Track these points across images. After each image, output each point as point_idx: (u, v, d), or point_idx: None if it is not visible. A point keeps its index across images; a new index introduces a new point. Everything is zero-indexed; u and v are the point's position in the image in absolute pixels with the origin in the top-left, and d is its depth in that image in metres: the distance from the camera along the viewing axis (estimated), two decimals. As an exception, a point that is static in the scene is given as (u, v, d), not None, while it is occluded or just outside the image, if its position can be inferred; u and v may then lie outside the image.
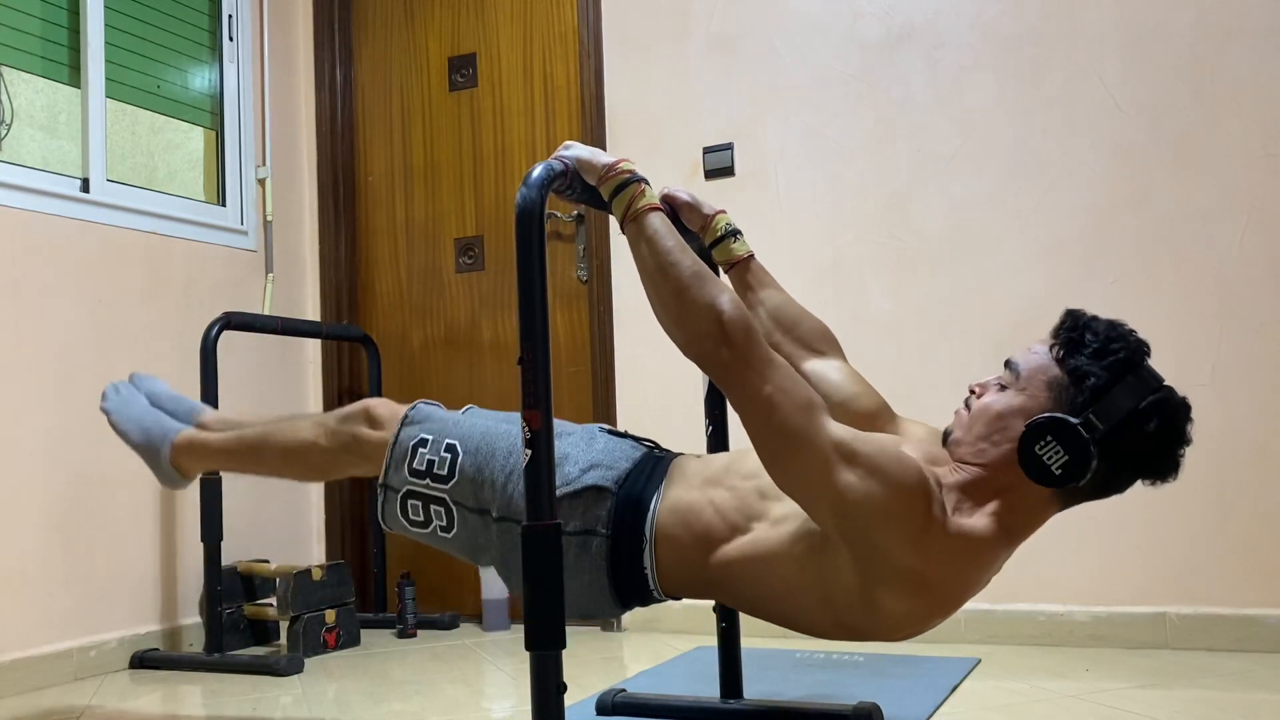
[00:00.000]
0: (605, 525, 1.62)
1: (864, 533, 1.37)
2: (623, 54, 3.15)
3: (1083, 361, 1.39)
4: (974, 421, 1.46)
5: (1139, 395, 1.38)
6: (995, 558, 1.44)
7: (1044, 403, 1.40)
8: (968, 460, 1.45)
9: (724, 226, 1.84)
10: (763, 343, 1.44)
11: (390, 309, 3.54)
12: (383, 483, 1.77)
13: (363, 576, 3.41)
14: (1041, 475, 1.37)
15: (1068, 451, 1.35)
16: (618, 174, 1.57)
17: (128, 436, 2.11)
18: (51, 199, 2.71)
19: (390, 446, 1.78)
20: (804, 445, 1.37)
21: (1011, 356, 1.47)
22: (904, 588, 1.39)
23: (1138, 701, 2.01)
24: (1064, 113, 2.67)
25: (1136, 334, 1.42)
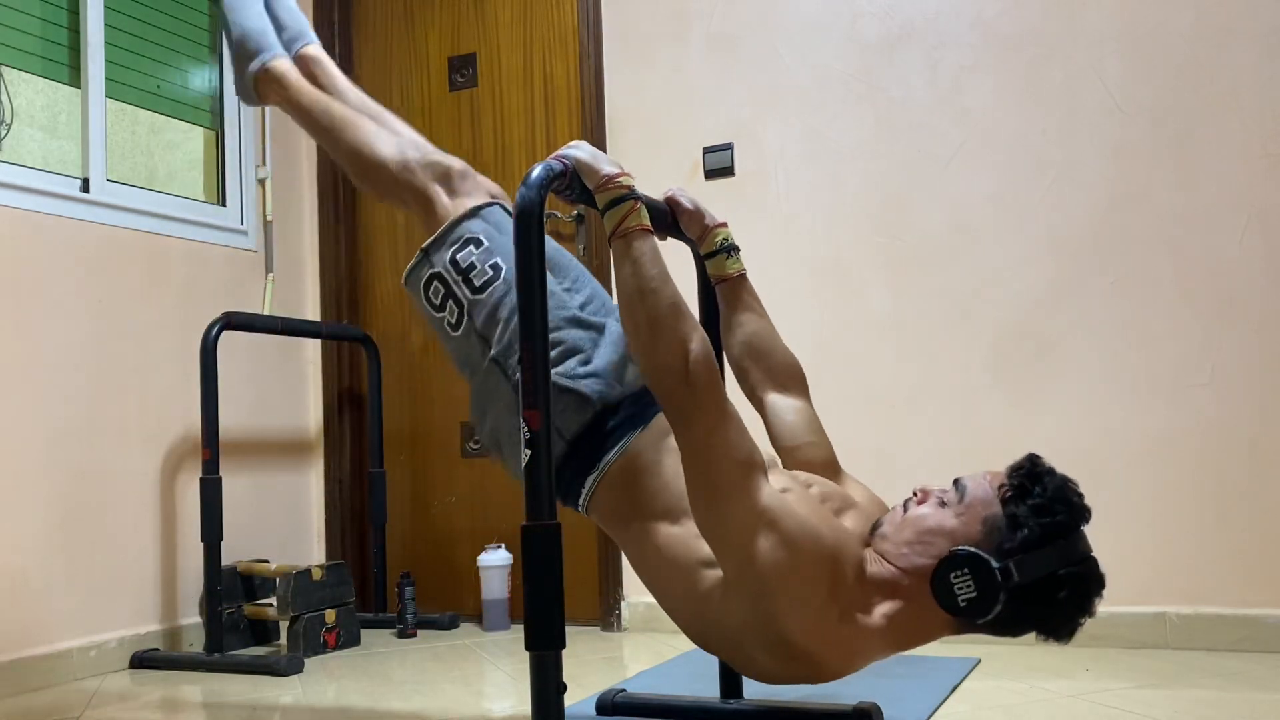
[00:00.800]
0: (571, 433, 1.65)
1: (760, 597, 1.41)
2: (623, 54, 3.15)
3: (1023, 511, 1.41)
4: (905, 526, 1.48)
5: (1062, 562, 1.40)
6: (874, 656, 1.49)
7: (974, 535, 1.42)
8: (888, 558, 1.47)
9: (722, 241, 1.85)
10: (721, 391, 1.46)
11: (390, 309, 3.54)
12: (425, 248, 1.79)
13: (363, 576, 3.41)
14: (947, 602, 1.41)
15: (978, 589, 1.38)
16: (616, 187, 1.57)
17: (229, 30, 2.09)
18: (51, 199, 2.71)
19: (450, 223, 1.78)
20: (731, 500, 1.41)
21: (962, 477, 1.49)
22: (781, 653, 1.44)
23: (1138, 701, 2.01)
24: (1064, 113, 2.67)
25: (1083, 499, 1.44)
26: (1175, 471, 2.52)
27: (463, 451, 3.40)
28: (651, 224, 1.80)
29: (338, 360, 3.52)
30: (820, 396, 2.89)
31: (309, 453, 3.50)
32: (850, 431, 2.82)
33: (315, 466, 3.51)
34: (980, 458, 2.66)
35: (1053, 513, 1.40)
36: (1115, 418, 2.58)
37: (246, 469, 3.22)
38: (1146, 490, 2.54)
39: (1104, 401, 2.59)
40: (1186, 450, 2.52)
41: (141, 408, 2.89)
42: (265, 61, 2.07)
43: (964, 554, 1.39)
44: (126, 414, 2.85)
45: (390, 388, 3.48)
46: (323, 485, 3.51)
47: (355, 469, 3.51)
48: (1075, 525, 1.42)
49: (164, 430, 2.95)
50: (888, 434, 2.78)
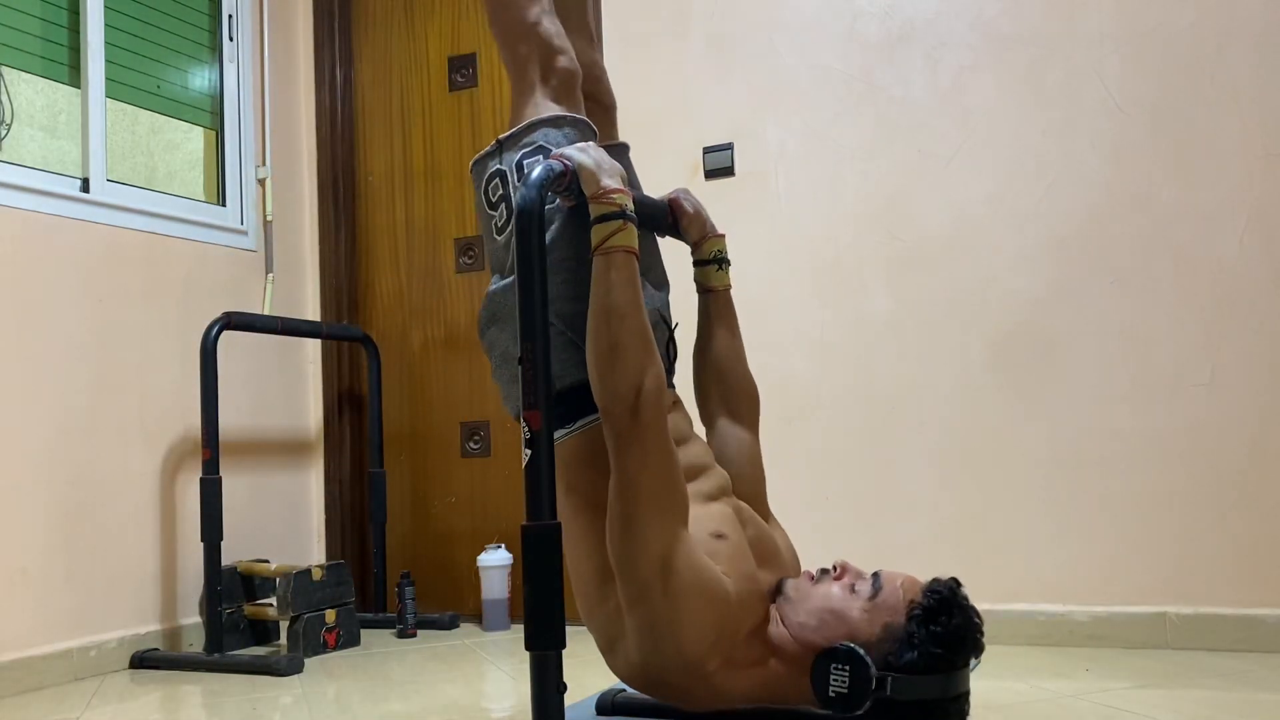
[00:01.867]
0: (563, 385, 1.65)
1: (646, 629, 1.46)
2: (623, 54, 3.15)
3: (921, 635, 1.44)
4: (811, 598, 1.52)
5: (936, 693, 1.43)
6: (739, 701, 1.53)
7: (870, 635, 1.46)
8: (787, 622, 1.52)
9: (715, 252, 1.86)
10: (664, 430, 1.49)
11: (390, 309, 3.54)
12: (500, 140, 1.78)
13: (363, 576, 3.41)
14: (818, 686, 1.45)
15: (849, 689, 1.42)
16: (609, 203, 1.56)
17: None
18: (51, 199, 2.71)
19: (529, 124, 1.76)
20: (640, 538, 1.44)
21: (881, 575, 1.51)
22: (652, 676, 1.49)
23: (1138, 701, 2.01)
24: (1064, 113, 2.67)
25: (982, 640, 1.47)
26: (1175, 471, 2.52)
27: (463, 451, 3.40)
28: (650, 223, 1.80)
29: (338, 360, 3.52)
30: (820, 397, 2.91)
31: (309, 453, 3.50)
32: (850, 431, 2.82)
33: (315, 466, 3.51)
34: (981, 457, 2.67)
35: (947, 648, 1.43)
36: (1115, 418, 2.58)
37: (246, 469, 3.22)
38: (1146, 490, 2.54)
39: (1104, 401, 2.59)
40: (1186, 450, 2.52)
41: (141, 408, 2.89)
42: None
43: (851, 652, 1.43)
44: (126, 414, 2.85)
45: (390, 388, 3.48)
46: (323, 485, 3.51)
47: (355, 469, 3.51)
48: (963, 664, 1.45)
49: (164, 430, 2.95)
50: (887, 434, 2.78)
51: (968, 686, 1.47)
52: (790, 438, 2.84)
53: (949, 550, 2.69)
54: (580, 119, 1.81)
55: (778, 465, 2.61)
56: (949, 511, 2.70)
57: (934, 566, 2.69)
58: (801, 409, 2.85)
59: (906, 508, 2.74)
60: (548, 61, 1.82)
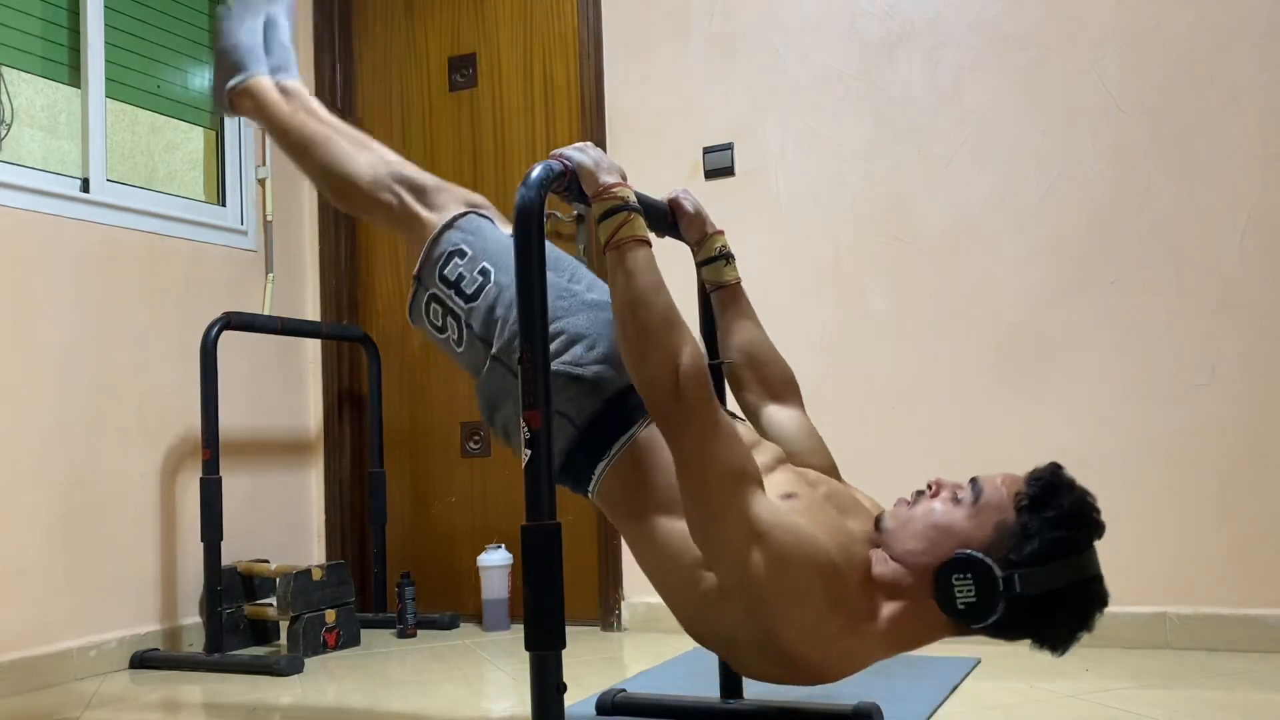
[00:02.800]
0: (582, 420, 1.64)
1: (755, 607, 1.40)
2: (623, 54, 3.15)
3: (1036, 523, 1.38)
4: (913, 520, 1.46)
5: (1068, 579, 1.38)
6: (873, 659, 1.47)
7: (983, 539, 1.40)
8: (893, 555, 1.45)
9: (719, 248, 1.86)
10: (713, 403, 1.45)
11: (390, 309, 3.54)
12: (415, 275, 1.82)
13: (363, 576, 3.41)
14: (945, 602, 1.39)
15: (978, 595, 1.37)
16: (611, 198, 1.56)
17: (219, 39, 2.11)
18: (51, 199, 2.71)
19: (430, 242, 1.80)
20: (723, 514, 1.40)
21: (979, 478, 1.45)
22: (775, 659, 1.43)
23: (1138, 701, 2.01)
24: (1064, 113, 2.67)
25: (1099, 516, 1.41)
26: (1175, 471, 2.52)
27: (463, 451, 3.40)
28: (651, 223, 1.80)
29: (338, 360, 3.52)
30: (821, 397, 2.90)
31: (309, 453, 3.50)
32: (851, 432, 2.82)
33: (315, 466, 3.51)
34: (981, 458, 2.66)
35: (1066, 528, 1.37)
36: (1115, 418, 2.58)
37: (246, 469, 3.22)
38: (1146, 490, 2.54)
39: (1104, 401, 2.59)
40: (1186, 450, 2.52)
41: (141, 408, 2.89)
42: (247, 77, 2.07)
43: (969, 558, 1.37)
44: (126, 414, 2.85)
45: (390, 388, 3.48)
46: (323, 485, 3.51)
47: (355, 469, 3.51)
48: (1087, 543, 1.39)
49: (164, 430, 2.95)
50: (888, 434, 2.78)
51: (1098, 568, 1.40)
52: (790, 438, 2.84)
53: (949, 550, 2.68)
54: (465, 212, 1.83)
55: (778, 465, 2.61)
56: (949, 511, 2.70)
57: (934, 566, 2.69)
58: (801, 409, 2.85)
59: (906, 508, 2.74)
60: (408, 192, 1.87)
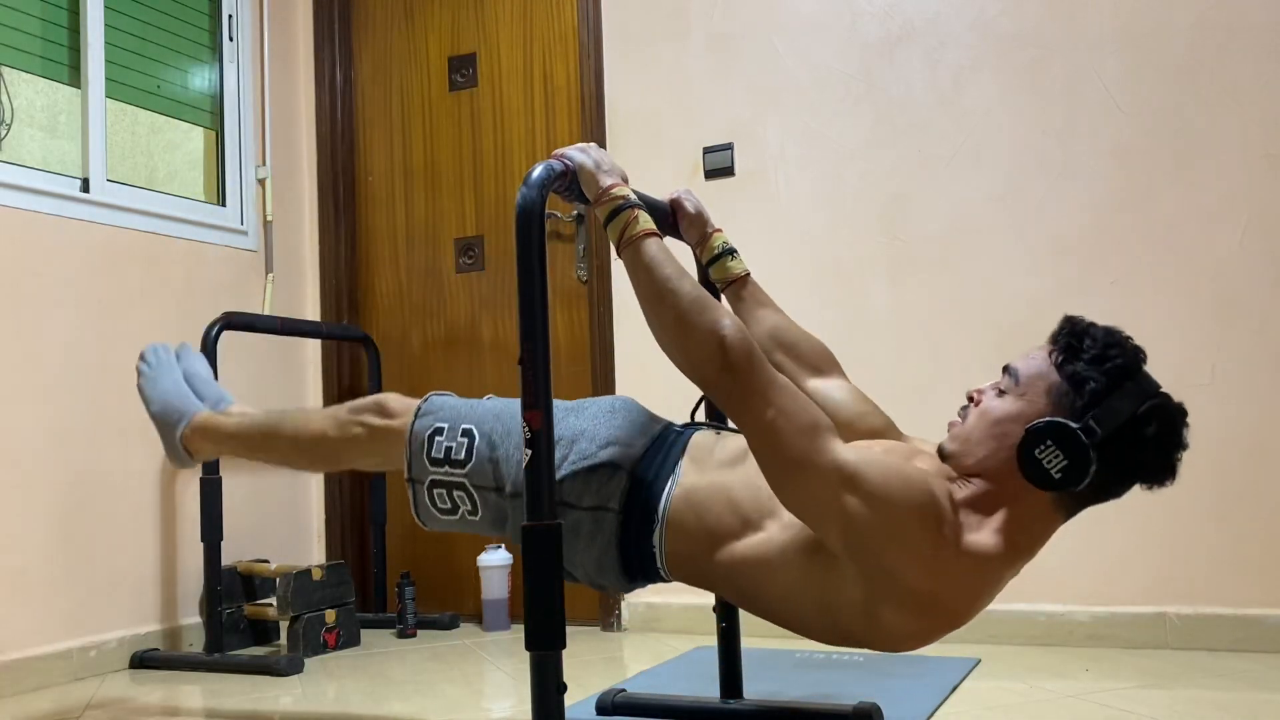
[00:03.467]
0: (618, 502, 1.61)
1: (871, 555, 1.37)
2: (623, 54, 3.15)
3: (1081, 367, 1.39)
4: (972, 429, 1.45)
5: (1137, 401, 1.37)
6: (1004, 574, 1.44)
7: (1043, 408, 1.39)
8: (970, 470, 1.44)
9: (720, 245, 1.85)
10: (766, 365, 1.43)
11: (390, 309, 3.54)
12: (408, 477, 1.79)
13: (363, 576, 3.41)
14: (1041, 479, 1.36)
15: (1067, 456, 1.34)
16: (611, 200, 1.56)
17: (149, 405, 2.14)
18: (51, 199, 2.71)
19: (408, 440, 1.79)
20: (808, 470, 1.37)
21: (1010, 362, 1.46)
22: (912, 607, 1.39)
23: (1138, 701, 2.01)
24: (1064, 113, 2.67)
25: (1133, 340, 1.43)
26: (1175, 471, 2.52)
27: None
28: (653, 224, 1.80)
29: (338, 360, 3.52)
30: (820, 396, 2.87)
31: (309, 453, 3.49)
32: (850, 431, 2.82)
33: (315, 466, 3.51)
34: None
35: (1110, 358, 1.38)
36: (1115, 418, 2.57)
37: (246, 469, 3.22)
38: (1146, 490, 2.53)
39: (1104, 401, 2.59)
40: (1186, 450, 2.51)
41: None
42: (189, 419, 2.10)
43: (1041, 426, 1.35)
44: (126, 414, 2.85)
45: (390, 388, 3.47)
46: (323, 485, 3.50)
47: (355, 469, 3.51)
48: (1136, 365, 1.40)
49: (164, 430, 2.95)
50: (888, 434, 2.77)
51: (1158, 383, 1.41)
52: (790, 438, 2.84)
53: (949, 550, 2.69)
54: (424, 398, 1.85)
55: (778, 465, 2.61)
56: (949, 511, 2.70)
57: (934, 566, 2.69)
58: (801, 409, 2.85)
59: (906, 508, 2.74)
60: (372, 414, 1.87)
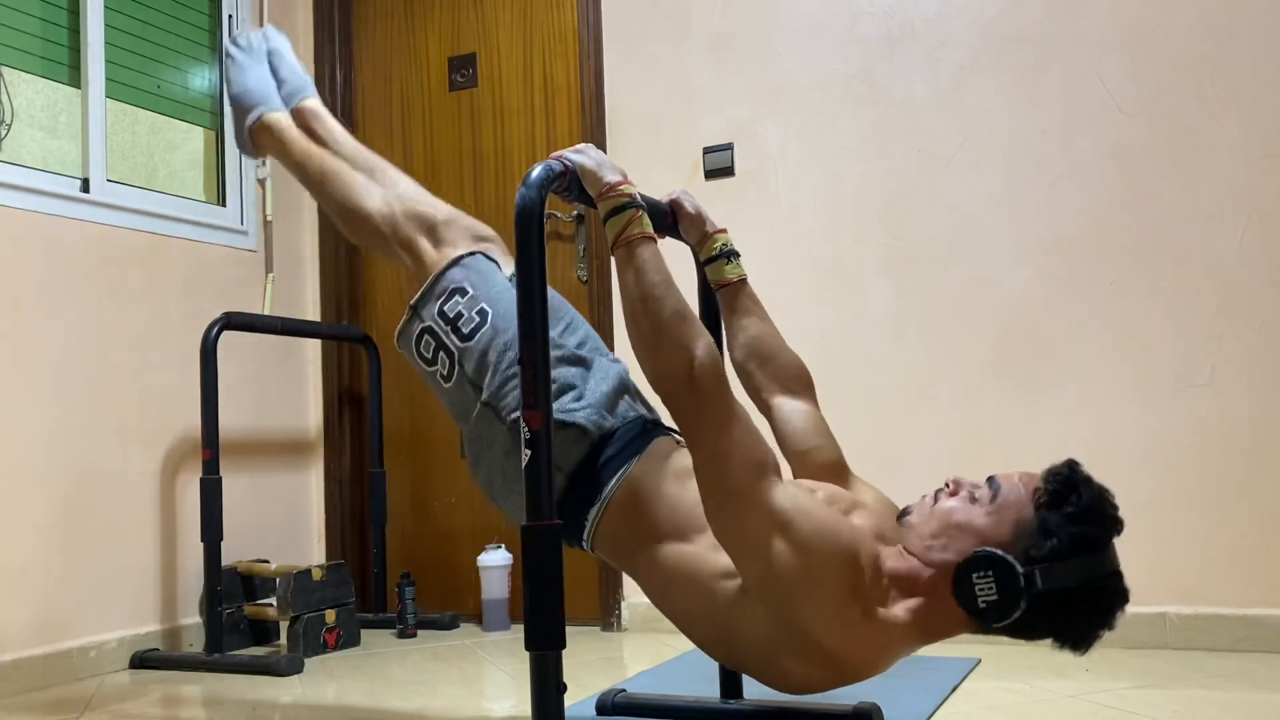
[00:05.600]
0: (570, 467, 1.66)
1: (783, 601, 1.39)
2: (623, 54, 3.15)
3: (1054, 520, 1.39)
4: (934, 518, 1.46)
5: (1088, 575, 1.38)
6: (904, 650, 1.47)
7: (1003, 536, 1.40)
8: (912, 550, 1.45)
9: (721, 246, 1.85)
10: (728, 393, 1.45)
11: (390, 309, 3.54)
12: (412, 305, 1.83)
13: (363, 576, 3.41)
14: (966, 601, 1.39)
15: (999, 593, 1.36)
16: (617, 195, 1.56)
17: (230, 87, 2.17)
18: (51, 199, 2.71)
19: (435, 276, 1.81)
20: (744, 505, 1.39)
21: (997, 476, 1.46)
22: (810, 658, 1.42)
23: (1138, 701, 2.01)
24: (1064, 113, 2.67)
25: (1117, 511, 1.43)
26: (1175, 471, 2.52)
27: (462, 452, 3.39)
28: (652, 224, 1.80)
29: (338, 360, 3.52)
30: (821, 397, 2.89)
31: (309, 453, 3.50)
32: (851, 432, 2.81)
33: (315, 466, 3.51)
34: (980, 457, 2.66)
35: (1085, 524, 1.38)
36: (1115, 418, 2.58)
37: (246, 469, 3.22)
38: (1146, 490, 2.54)
39: (1104, 401, 2.59)
40: (1186, 450, 2.52)
41: (141, 408, 2.89)
42: (262, 114, 2.13)
43: (989, 555, 1.37)
44: (126, 414, 2.85)
45: (390, 388, 3.48)
46: (323, 485, 3.51)
47: (355, 469, 3.51)
48: (1106, 540, 1.40)
49: (164, 430, 2.95)
50: (888, 434, 2.77)
51: (1117, 564, 1.41)
52: (790, 438, 2.84)
53: (949, 550, 2.68)
54: (473, 252, 1.84)
55: (778, 465, 2.61)
56: (949, 511, 2.70)
57: (934, 566, 2.69)
58: (801, 409, 2.85)
59: (906, 508, 2.74)
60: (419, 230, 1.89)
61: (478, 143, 3.43)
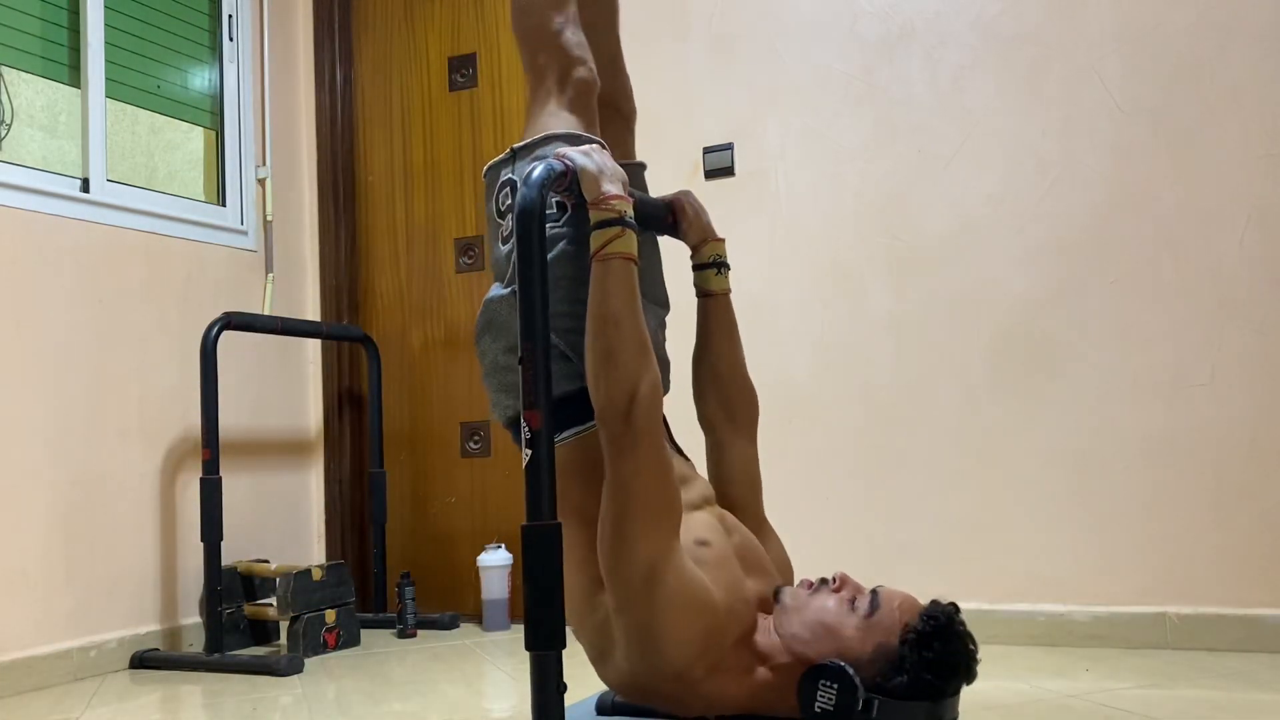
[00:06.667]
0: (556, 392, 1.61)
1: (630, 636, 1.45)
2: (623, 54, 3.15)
3: (911, 661, 1.40)
4: (808, 608, 1.49)
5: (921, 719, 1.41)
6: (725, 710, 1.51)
7: (860, 655, 1.42)
8: (779, 631, 1.50)
9: (714, 256, 1.85)
10: (660, 438, 1.48)
11: (390, 309, 3.54)
12: (515, 148, 1.78)
13: (363, 576, 3.41)
14: (804, 702, 1.42)
15: (836, 707, 1.40)
16: (609, 209, 1.55)
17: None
18: (51, 199, 2.71)
19: (546, 135, 1.75)
20: (632, 545, 1.43)
21: (880, 593, 1.47)
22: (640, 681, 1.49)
23: (1138, 701, 2.01)
24: (1064, 113, 2.67)
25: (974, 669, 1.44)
26: (1175, 471, 2.52)
27: (462, 451, 3.40)
28: (650, 224, 1.80)
29: (338, 360, 3.52)
30: (820, 397, 2.90)
31: (309, 453, 3.50)
32: (850, 432, 2.82)
33: (315, 466, 3.51)
34: (981, 458, 2.67)
35: (936, 674, 1.40)
36: (1115, 418, 2.58)
37: (246, 469, 3.22)
38: (1146, 490, 2.54)
39: (1104, 401, 2.59)
40: (1186, 450, 2.52)
41: (141, 408, 2.89)
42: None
43: (841, 671, 1.40)
44: (126, 414, 2.85)
45: (390, 388, 3.48)
46: (323, 485, 3.51)
47: (355, 469, 3.51)
48: (951, 693, 1.43)
49: (164, 430, 2.95)
50: (888, 434, 2.77)
51: (954, 715, 1.45)
52: (790, 438, 2.84)
53: (949, 550, 2.69)
54: (595, 138, 1.80)
55: (778, 465, 2.61)
56: (949, 511, 2.70)
57: (934, 567, 2.69)
58: (801, 409, 2.85)
59: (907, 508, 2.74)
60: (566, 71, 1.82)
61: (478, 143, 3.43)
